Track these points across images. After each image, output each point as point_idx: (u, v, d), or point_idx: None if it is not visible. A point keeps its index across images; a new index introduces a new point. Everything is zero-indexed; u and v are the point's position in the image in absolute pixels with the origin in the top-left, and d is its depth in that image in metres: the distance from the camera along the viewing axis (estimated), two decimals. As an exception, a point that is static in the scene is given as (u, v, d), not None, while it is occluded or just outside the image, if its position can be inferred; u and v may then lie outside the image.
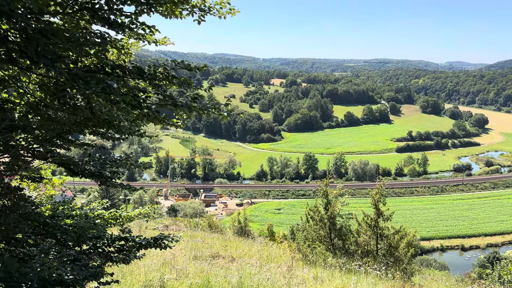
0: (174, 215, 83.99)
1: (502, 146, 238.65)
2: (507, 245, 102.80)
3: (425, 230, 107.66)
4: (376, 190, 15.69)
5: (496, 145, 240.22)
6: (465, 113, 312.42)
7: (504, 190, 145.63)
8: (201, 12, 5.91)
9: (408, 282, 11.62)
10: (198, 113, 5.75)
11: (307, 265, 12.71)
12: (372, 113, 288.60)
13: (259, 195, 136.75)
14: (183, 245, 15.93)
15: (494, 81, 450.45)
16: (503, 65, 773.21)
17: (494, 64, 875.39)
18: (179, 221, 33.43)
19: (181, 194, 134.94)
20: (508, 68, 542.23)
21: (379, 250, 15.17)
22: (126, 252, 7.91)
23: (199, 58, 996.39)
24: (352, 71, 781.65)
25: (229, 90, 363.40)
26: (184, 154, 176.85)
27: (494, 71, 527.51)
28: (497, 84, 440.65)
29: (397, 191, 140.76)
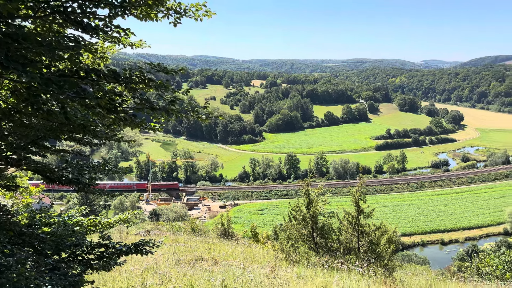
0: (156, 220, 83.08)
1: (478, 141, 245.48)
2: (484, 238, 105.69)
3: (405, 226, 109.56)
4: (356, 188, 15.89)
5: (472, 141, 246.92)
6: (441, 110, 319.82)
7: (480, 184, 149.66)
8: (177, 14, 5.87)
9: (390, 278, 11.82)
10: (176, 116, 5.70)
11: (290, 265, 12.78)
12: (351, 112, 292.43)
13: (242, 197, 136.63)
14: (166, 250, 15.78)
15: (468, 79, 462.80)
16: (476, 62, 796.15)
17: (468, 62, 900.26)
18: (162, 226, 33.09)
19: (163, 198, 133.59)
20: (482, 66, 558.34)
21: (360, 247, 15.37)
22: (107, 259, 7.79)
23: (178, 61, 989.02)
24: (331, 71, 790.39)
25: (209, 92, 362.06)
26: (165, 158, 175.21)
27: (468, 68, 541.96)
28: (471, 81, 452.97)
29: (377, 188, 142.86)
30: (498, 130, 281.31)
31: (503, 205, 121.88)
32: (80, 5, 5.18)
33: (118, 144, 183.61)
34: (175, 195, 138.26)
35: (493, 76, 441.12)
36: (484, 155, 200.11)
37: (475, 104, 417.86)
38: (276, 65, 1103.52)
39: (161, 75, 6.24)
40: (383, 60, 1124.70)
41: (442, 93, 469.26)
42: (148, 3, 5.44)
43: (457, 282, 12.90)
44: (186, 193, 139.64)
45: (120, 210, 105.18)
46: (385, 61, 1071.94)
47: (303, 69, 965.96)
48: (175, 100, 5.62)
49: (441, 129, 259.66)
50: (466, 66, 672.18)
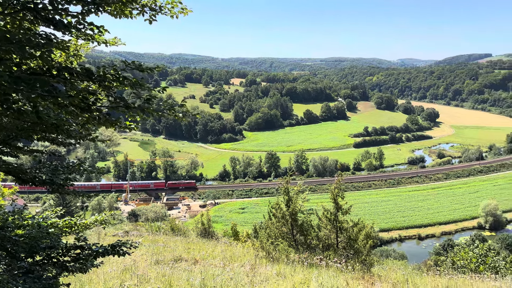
0: (135, 220, 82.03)
1: (453, 138, 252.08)
2: (460, 233, 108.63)
3: (383, 221, 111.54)
4: (334, 185, 16.08)
5: (447, 138, 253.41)
6: (417, 108, 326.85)
7: (455, 180, 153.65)
8: (152, 11, 5.79)
9: (368, 273, 12.01)
10: (152, 115, 5.63)
11: (270, 262, 12.83)
12: (330, 110, 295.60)
13: (223, 196, 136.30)
14: (145, 250, 15.60)
15: (443, 77, 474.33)
16: (450, 61, 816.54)
17: (442, 60, 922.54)
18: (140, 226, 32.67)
19: (142, 198, 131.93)
20: (456, 64, 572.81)
21: (339, 243, 15.57)
22: (83, 260, 7.66)
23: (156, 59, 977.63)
24: (310, 70, 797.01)
25: (188, 91, 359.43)
26: (144, 157, 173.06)
27: (443, 67, 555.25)
28: (446, 79, 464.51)
29: (356, 185, 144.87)
30: (472, 127, 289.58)
31: (477, 200, 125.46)
32: (51, 2, 5.05)
33: (95, 144, 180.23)
34: (154, 195, 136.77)
35: (467, 74, 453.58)
36: (459, 151, 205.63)
37: (450, 102, 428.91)
38: (256, 64, 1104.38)
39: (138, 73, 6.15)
40: (360, 59, 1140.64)
41: (418, 91, 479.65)
42: (122, 0, 5.36)
43: (432, 276, 13.20)
44: (165, 193, 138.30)
45: (98, 211, 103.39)
46: (362, 60, 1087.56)
47: (283, 67, 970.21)
48: (151, 99, 5.56)
49: (417, 126, 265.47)
50: (441, 64, 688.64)
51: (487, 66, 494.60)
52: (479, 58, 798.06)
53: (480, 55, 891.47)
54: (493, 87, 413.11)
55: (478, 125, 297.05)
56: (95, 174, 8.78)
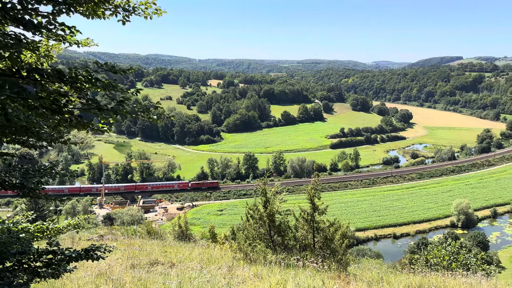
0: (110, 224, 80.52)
1: (426, 139, 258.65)
2: (433, 231, 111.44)
3: (359, 221, 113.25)
4: (311, 186, 16.25)
5: (420, 138, 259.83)
6: (392, 110, 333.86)
7: (429, 179, 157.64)
8: (125, 12, 5.72)
9: (344, 272, 12.19)
10: (126, 117, 5.56)
11: (248, 264, 12.84)
12: (307, 111, 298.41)
13: (201, 198, 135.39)
14: (120, 254, 15.34)
15: (416, 79, 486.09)
16: (423, 63, 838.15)
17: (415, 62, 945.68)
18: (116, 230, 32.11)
19: (117, 202, 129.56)
20: (428, 66, 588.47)
21: (316, 243, 15.73)
22: (55, 266, 7.51)
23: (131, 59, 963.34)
24: (287, 72, 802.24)
25: (165, 92, 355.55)
26: (119, 160, 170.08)
27: (416, 69, 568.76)
28: (419, 81, 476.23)
29: (332, 185, 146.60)
30: (444, 127, 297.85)
31: (449, 199, 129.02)
32: (20, 1, 4.93)
33: (69, 146, 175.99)
34: (130, 198, 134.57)
35: (439, 77, 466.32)
36: (432, 151, 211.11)
37: (423, 103, 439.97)
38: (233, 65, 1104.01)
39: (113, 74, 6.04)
40: (336, 61, 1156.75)
41: (392, 93, 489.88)
42: (94, 0, 5.27)
43: (407, 274, 13.49)
44: (142, 196, 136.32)
45: (72, 215, 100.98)
46: (338, 62, 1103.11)
47: (260, 69, 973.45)
48: (124, 101, 5.48)
49: (392, 127, 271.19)
50: (414, 67, 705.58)
51: (459, 69, 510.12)
52: (451, 61, 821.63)
53: (452, 58, 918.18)
54: (464, 89, 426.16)
55: (450, 126, 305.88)
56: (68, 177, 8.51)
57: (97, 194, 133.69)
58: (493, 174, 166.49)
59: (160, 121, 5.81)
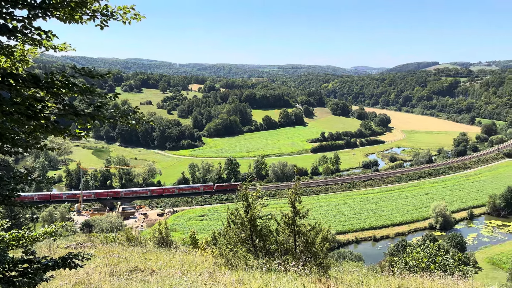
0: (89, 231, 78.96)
1: (404, 142, 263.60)
2: (412, 233, 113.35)
3: (340, 224, 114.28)
4: (292, 190, 16.34)
5: (399, 142, 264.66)
6: (371, 114, 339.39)
7: (407, 182, 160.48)
8: (103, 17, 5.67)
9: (324, 276, 12.28)
10: (104, 122, 5.49)
11: (229, 269, 12.79)
12: (288, 116, 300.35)
13: (182, 203, 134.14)
14: (99, 262, 15.05)
15: (394, 84, 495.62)
16: (401, 68, 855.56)
17: (393, 68, 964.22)
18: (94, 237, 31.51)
19: (96, 208, 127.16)
20: (406, 72, 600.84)
21: (297, 247, 15.80)
22: (31, 275, 7.33)
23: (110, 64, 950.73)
24: (268, 76, 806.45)
25: (145, 97, 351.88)
26: (98, 165, 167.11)
27: (394, 74, 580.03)
28: (397, 86, 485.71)
29: (313, 189, 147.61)
30: (422, 131, 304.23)
31: (428, 202, 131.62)
32: (-6, 5, 4.82)
33: (46, 152, 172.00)
34: (108, 204, 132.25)
35: (416, 81, 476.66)
36: (410, 155, 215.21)
37: (400, 108, 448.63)
38: (214, 70, 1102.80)
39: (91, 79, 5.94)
40: (316, 66, 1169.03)
41: (371, 97, 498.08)
42: (71, 5, 5.20)
43: (386, 277, 13.67)
44: (121, 202, 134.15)
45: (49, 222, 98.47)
46: (318, 67, 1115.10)
47: (241, 73, 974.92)
48: (102, 106, 5.41)
49: (371, 131, 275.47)
50: (392, 72, 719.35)
51: (435, 74, 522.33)
52: (428, 66, 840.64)
53: (429, 63, 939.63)
54: (441, 93, 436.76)
55: (428, 129, 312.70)
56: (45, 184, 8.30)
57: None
58: (469, 176, 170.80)
59: (139, 126, 5.75)
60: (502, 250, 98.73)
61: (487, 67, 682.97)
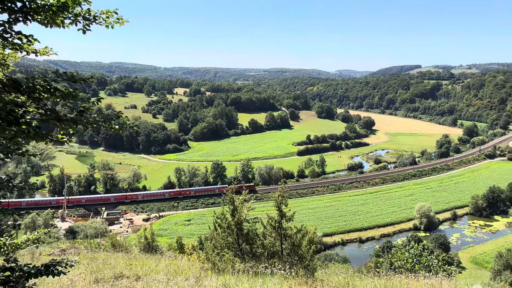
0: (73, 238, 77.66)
1: (388, 145, 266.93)
2: (397, 234, 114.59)
3: (326, 226, 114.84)
4: (278, 193, 16.39)
5: (383, 144, 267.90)
6: (355, 117, 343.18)
7: (392, 184, 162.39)
8: (86, 21, 5.62)
9: (311, 278, 12.32)
10: (86, 127, 5.43)
11: (215, 274, 12.74)
12: (274, 119, 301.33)
13: (168, 208, 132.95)
14: (83, 269, 14.81)
15: (378, 87, 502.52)
16: (384, 72, 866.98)
17: (377, 71, 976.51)
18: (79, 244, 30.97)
19: (80, 214, 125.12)
20: (389, 75, 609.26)
21: (284, 250, 15.83)
22: (13, 283, 7.19)
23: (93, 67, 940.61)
24: (254, 80, 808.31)
25: (129, 101, 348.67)
26: (82, 171, 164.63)
27: (377, 77, 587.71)
28: (381, 89, 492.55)
29: (300, 192, 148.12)
30: (405, 133, 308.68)
31: (412, 203, 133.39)
32: (-27, 9, 4.74)
33: (28, 158, 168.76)
34: (93, 210, 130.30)
35: (399, 85, 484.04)
36: (394, 157, 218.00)
37: (384, 110, 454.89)
38: (200, 73, 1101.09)
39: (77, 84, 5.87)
40: (301, 69, 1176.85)
41: (355, 100, 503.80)
42: (52, 9, 5.14)
43: (372, 278, 13.80)
44: (106, 208, 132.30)
45: (31, 229, 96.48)
46: (303, 71, 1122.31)
47: (227, 77, 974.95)
48: (84, 111, 5.35)
49: (355, 134, 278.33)
50: (376, 75, 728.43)
51: (418, 77, 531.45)
52: (410, 69, 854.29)
53: (411, 66, 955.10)
54: (423, 96, 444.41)
55: (411, 132, 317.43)
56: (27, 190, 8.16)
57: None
58: (452, 177, 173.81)
59: (123, 130, 5.70)
60: (485, 250, 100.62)
61: (468, 70, 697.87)
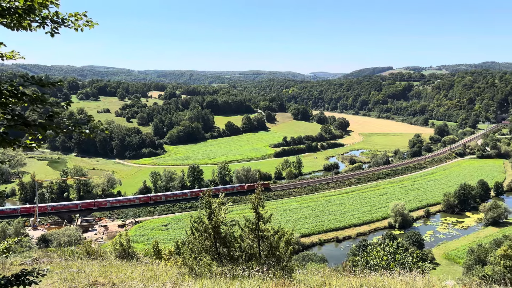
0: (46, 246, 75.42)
1: (362, 145, 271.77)
2: (373, 233, 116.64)
3: (304, 227, 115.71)
4: (255, 195, 16.41)
5: (357, 145, 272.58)
6: (330, 118, 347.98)
7: (366, 183, 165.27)
8: (54, 24, 5.48)
9: (288, 279, 12.39)
10: (56, 132, 5.29)
11: (193, 279, 12.63)
12: (251, 122, 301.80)
13: (144, 213, 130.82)
14: (56, 278, 14.39)
15: (351, 89, 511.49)
16: (357, 74, 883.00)
17: (350, 73, 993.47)
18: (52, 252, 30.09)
19: (53, 222, 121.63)
20: (362, 77, 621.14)
21: (261, 252, 15.86)
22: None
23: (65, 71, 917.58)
24: (229, 82, 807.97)
25: (102, 105, 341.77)
26: (54, 177, 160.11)
27: (351, 79, 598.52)
28: (354, 91, 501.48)
29: (277, 193, 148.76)
30: (379, 134, 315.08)
31: (386, 202, 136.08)
32: None
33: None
34: (67, 217, 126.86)
35: (372, 86, 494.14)
36: (368, 157, 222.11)
37: (358, 112, 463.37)
38: (175, 76, 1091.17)
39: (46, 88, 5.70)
40: (277, 72, 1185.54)
41: (330, 102, 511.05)
42: (18, 12, 5.00)
43: (348, 276, 13.98)
44: (80, 215, 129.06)
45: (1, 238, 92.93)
46: (278, 73, 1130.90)
47: (202, 80, 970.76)
48: (54, 115, 5.21)
49: (331, 135, 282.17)
50: (349, 77, 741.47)
51: (390, 78, 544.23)
52: (382, 71, 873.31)
53: (383, 68, 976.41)
54: (395, 97, 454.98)
55: (384, 132, 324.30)
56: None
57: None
58: (425, 176, 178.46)
59: (94, 135, 5.59)
60: (457, 246, 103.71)
61: (438, 71, 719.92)
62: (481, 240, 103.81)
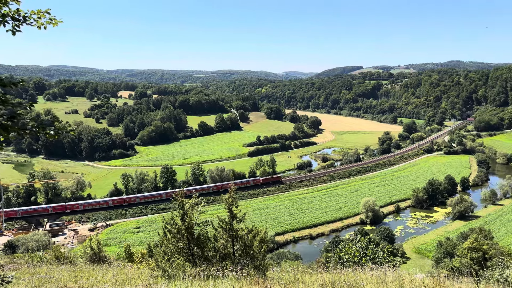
0: (12, 252, 72.62)
1: (334, 143, 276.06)
2: (346, 229, 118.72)
3: (278, 225, 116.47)
4: (228, 195, 16.37)
5: (329, 143, 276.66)
6: (303, 117, 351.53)
7: (338, 181, 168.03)
8: (15, 21, 5.27)
9: (262, 277, 12.43)
10: (19, 133, 5.10)
11: (166, 281, 12.47)
12: (224, 121, 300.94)
13: (115, 216, 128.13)
14: (24, 285, 13.90)
15: (323, 88, 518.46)
16: (328, 73, 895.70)
17: (321, 72, 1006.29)
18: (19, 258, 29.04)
19: (20, 227, 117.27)
20: (333, 76, 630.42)
21: (235, 251, 15.84)
22: None
23: (31, 71, 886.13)
24: (202, 82, 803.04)
25: (70, 105, 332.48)
26: (20, 181, 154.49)
27: (322, 79, 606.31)
28: (325, 90, 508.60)
29: (252, 192, 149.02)
30: (350, 132, 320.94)
31: (358, 198, 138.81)
32: None
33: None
34: (34, 222, 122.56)
35: (342, 85, 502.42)
36: (340, 155, 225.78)
37: (329, 110, 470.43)
38: (145, 75, 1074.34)
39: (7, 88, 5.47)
40: (249, 71, 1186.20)
41: (302, 101, 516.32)
42: (-25, 8, 4.79)
43: (321, 273, 14.16)
44: (48, 219, 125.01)
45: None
46: (251, 72, 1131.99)
47: (174, 79, 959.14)
48: (15, 116, 5.02)
49: (303, 133, 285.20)
50: (321, 76, 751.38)
51: (359, 77, 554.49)
52: (352, 70, 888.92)
53: (353, 67, 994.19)
54: (365, 95, 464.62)
55: (355, 130, 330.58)
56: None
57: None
58: (395, 172, 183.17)
59: (59, 136, 5.41)
60: (427, 240, 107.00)
61: (406, 70, 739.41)
62: (449, 233, 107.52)
